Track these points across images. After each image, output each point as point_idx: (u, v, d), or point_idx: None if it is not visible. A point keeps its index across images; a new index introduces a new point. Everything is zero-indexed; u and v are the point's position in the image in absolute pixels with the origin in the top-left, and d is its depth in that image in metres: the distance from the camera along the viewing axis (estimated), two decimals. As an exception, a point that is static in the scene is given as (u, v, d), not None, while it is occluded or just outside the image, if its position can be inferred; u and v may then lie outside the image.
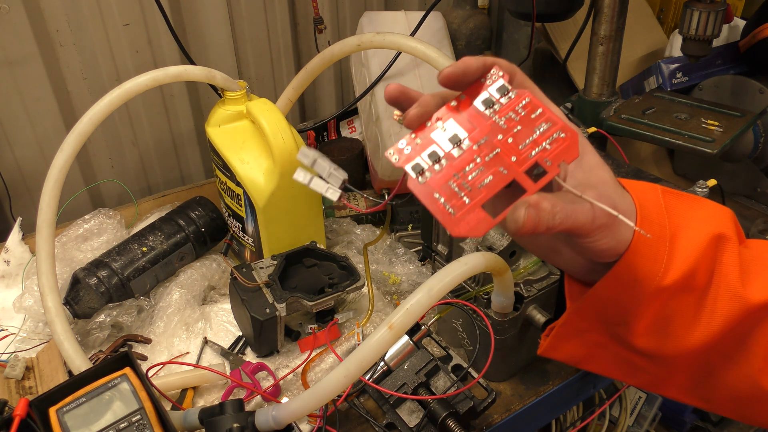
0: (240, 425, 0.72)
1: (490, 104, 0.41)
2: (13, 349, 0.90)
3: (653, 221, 0.43)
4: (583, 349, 0.49)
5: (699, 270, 0.43)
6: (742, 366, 0.46)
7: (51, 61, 1.12)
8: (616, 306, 0.45)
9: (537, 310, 0.84)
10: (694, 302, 0.44)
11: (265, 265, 0.93)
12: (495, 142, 0.39)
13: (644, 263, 0.42)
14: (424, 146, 0.39)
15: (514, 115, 0.40)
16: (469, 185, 0.38)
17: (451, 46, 1.22)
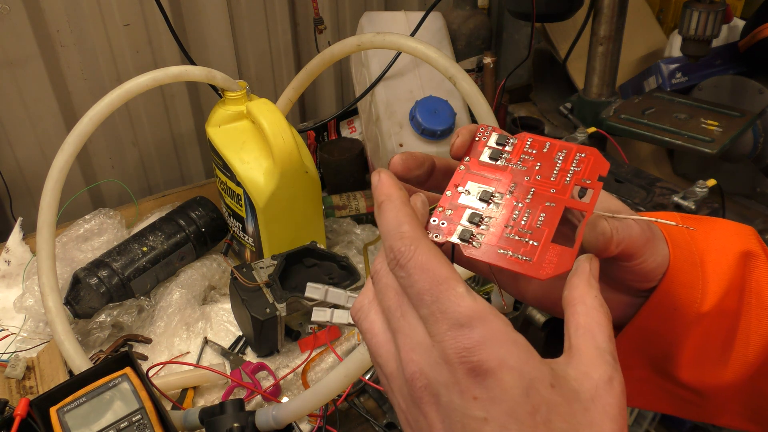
0: (240, 425, 0.72)
1: (498, 155, 0.40)
2: (13, 349, 0.91)
3: (681, 246, 0.41)
4: (629, 385, 0.48)
5: (731, 291, 0.42)
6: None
7: (51, 62, 1.12)
8: (657, 337, 0.42)
9: (537, 310, 0.84)
10: (729, 325, 0.42)
11: (266, 265, 0.93)
12: (526, 184, 0.38)
13: (682, 290, 0.41)
14: (459, 214, 0.38)
15: (527, 156, 0.40)
16: (527, 229, 0.36)
17: (451, 46, 1.22)
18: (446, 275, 0.31)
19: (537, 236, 0.36)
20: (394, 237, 0.33)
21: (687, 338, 0.42)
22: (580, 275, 0.34)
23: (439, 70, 0.94)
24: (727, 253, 0.42)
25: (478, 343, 0.29)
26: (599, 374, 0.31)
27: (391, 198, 0.35)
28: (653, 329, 0.42)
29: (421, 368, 0.30)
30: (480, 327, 0.30)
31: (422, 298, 0.31)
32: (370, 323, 0.35)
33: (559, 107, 1.27)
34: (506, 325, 0.30)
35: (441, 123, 1.08)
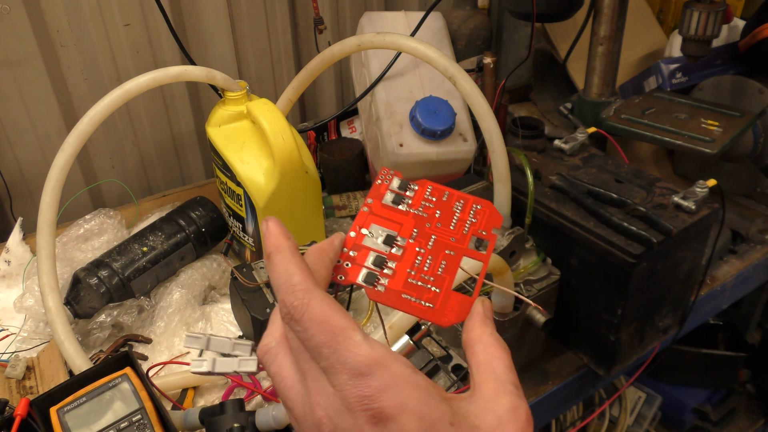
0: (240, 425, 0.72)
1: (401, 200, 0.41)
2: (13, 349, 0.91)
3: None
4: None
5: None
6: None
7: (51, 62, 1.12)
8: None
9: (537, 310, 0.84)
10: None
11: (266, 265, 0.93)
12: (427, 231, 0.40)
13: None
14: (364, 256, 0.38)
15: (428, 203, 0.41)
16: (429, 275, 0.38)
17: (451, 46, 1.22)
18: (342, 325, 0.31)
19: (438, 283, 0.37)
20: (286, 291, 0.32)
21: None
22: (474, 318, 0.36)
23: (439, 70, 0.94)
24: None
25: (377, 391, 0.30)
26: (501, 405, 0.32)
27: (279, 249, 0.34)
28: None
29: (328, 413, 0.31)
30: (379, 374, 0.30)
31: (321, 351, 0.31)
32: (279, 366, 0.34)
33: (559, 107, 1.27)
34: (406, 368, 0.31)
35: (441, 123, 1.08)
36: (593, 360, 0.93)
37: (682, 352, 1.61)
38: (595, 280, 0.86)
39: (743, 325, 1.72)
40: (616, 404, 1.56)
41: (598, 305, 0.87)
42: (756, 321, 1.72)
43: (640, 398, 1.65)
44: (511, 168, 0.91)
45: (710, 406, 1.71)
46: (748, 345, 1.70)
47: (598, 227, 0.83)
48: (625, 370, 0.98)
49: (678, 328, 1.01)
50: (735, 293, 1.19)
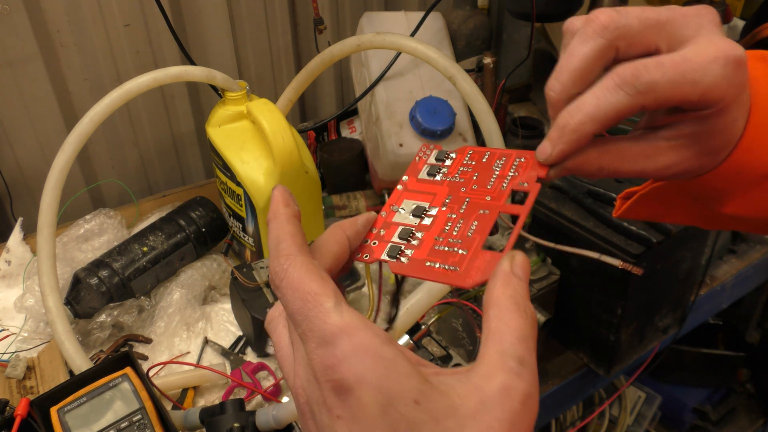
0: (241, 425, 0.72)
1: (437, 171, 0.39)
2: (14, 349, 0.91)
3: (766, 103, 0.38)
4: (664, 209, 0.45)
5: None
6: None
7: (52, 62, 1.13)
8: (709, 190, 0.40)
9: (537, 309, 0.84)
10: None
11: (266, 264, 0.93)
12: (461, 195, 0.37)
13: (754, 155, 0.37)
14: (391, 232, 0.37)
15: (466, 168, 0.39)
16: (457, 239, 0.35)
17: (451, 46, 1.22)
18: (315, 291, 0.30)
19: (467, 245, 0.34)
20: (272, 256, 0.32)
21: (744, 192, 0.39)
22: (497, 276, 0.31)
23: (439, 70, 0.94)
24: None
25: (339, 360, 0.28)
26: (492, 385, 0.28)
27: (276, 216, 0.34)
28: (711, 186, 0.39)
29: (302, 384, 0.30)
30: (343, 343, 0.28)
31: (295, 318, 0.30)
32: (278, 336, 0.34)
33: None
34: (374, 338, 0.28)
35: (441, 123, 1.08)
36: (593, 360, 0.93)
37: (682, 351, 1.62)
38: (595, 280, 0.86)
39: (743, 325, 1.72)
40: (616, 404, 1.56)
41: (598, 305, 0.87)
42: (756, 321, 1.72)
43: (640, 398, 1.65)
44: (511, 168, 0.90)
45: (710, 405, 1.71)
46: (747, 345, 1.71)
47: (598, 227, 0.83)
48: (624, 369, 0.98)
49: (678, 328, 1.01)
50: (735, 293, 1.19)
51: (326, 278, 0.30)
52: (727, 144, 0.37)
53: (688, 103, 0.35)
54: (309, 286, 0.30)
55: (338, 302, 0.29)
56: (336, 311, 0.29)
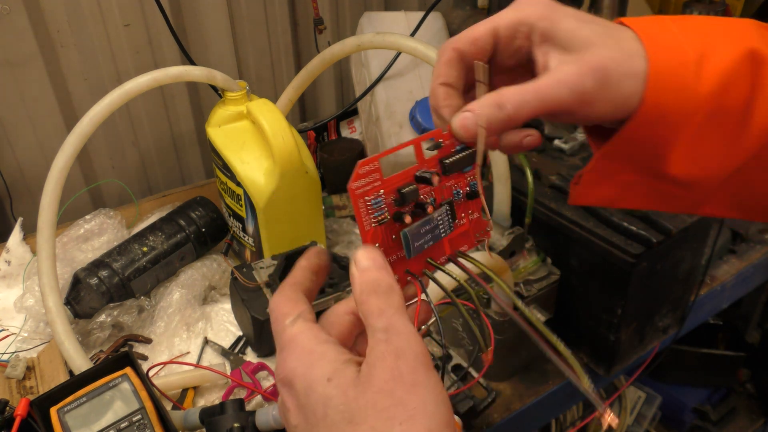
0: (240, 425, 0.72)
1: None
2: (14, 349, 0.91)
3: (668, 49, 0.40)
4: (615, 189, 0.47)
5: (732, 88, 0.41)
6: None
7: (52, 62, 1.12)
8: (646, 142, 0.42)
9: (537, 309, 0.84)
10: (733, 122, 0.42)
11: (266, 265, 0.93)
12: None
13: (668, 97, 0.40)
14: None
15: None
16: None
17: (451, 46, 1.22)
18: (283, 312, 0.39)
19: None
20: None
21: (678, 138, 0.42)
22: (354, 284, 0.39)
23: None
24: (729, 48, 0.41)
25: (283, 360, 0.36)
26: (369, 357, 0.34)
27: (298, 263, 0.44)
28: (641, 137, 0.42)
29: (277, 385, 0.38)
30: (288, 348, 0.37)
31: (273, 334, 0.39)
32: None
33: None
34: (311, 340, 0.36)
35: (441, 123, 1.08)
36: (593, 360, 0.93)
37: (682, 351, 1.62)
38: (595, 280, 0.86)
39: (743, 325, 1.72)
40: (616, 404, 1.56)
41: (598, 305, 0.87)
42: (756, 321, 1.72)
43: (640, 398, 1.65)
44: (511, 168, 0.91)
45: (710, 405, 1.71)
46: (747, 345, 1.71)
47: (598, 227, 0.83)
48: (625, 369, 0.98)
49: (678, 328, 1.01)
50: (735, 293, 1.19)
51: (296, 301, 0.39)
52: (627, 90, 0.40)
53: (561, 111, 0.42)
54: (280, 308, 0.39)
55: (296, 319, 0.38)
56: (290, 325, 0.38)
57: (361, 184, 0.41)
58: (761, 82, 0.41)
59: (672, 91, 0.40)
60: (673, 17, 0.43)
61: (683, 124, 0.41)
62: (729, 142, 0.42)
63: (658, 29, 0.41)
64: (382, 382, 0.33)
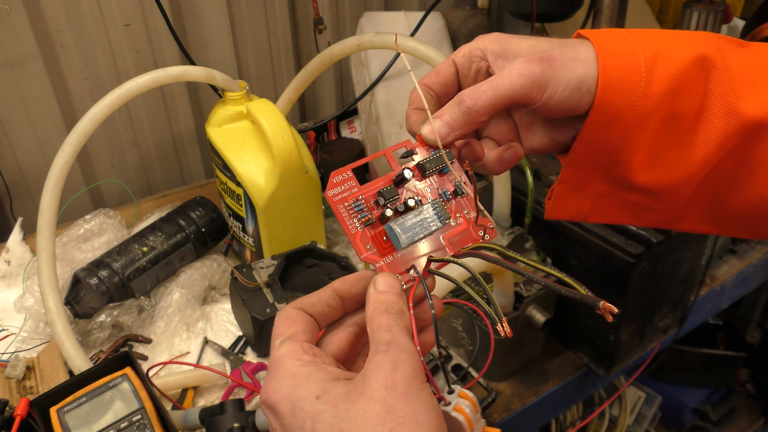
0: (240, 425, 0.72)
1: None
2: (14, 349, 0.91)
3: (619, 53, 0.43)
4: (588, 202, 0.49)
5: (684, 92, 0.43)
6: (749, 187, 0.46)
7: (51, 62, 1.12)
8: (605, 146, 0.44)
9: (537, 309, 0.84)
10: (687, 127, 0.44)
11: (266, 265, 0.93)
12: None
13: (619, 97, 0.42)
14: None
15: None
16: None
17: (451, 46, 1.22)
18: (277, 332, 0.40)
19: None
20: None
21: (636, 141, 0.44)
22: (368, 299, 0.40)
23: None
24: (679, 53, 0.43)
25: (267, 383, 0.37)
26: (368, 366, 0.35)
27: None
28: (599, 139, 0.44)
29: (261, 407, 0.38)
30: (272, 370, 0.38)
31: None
32: None
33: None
34: (294, 362, 0.37)
35: (441, 123, 1.08)
36: (593, 360, 0.93)
37: (682, 352, 1.62)
38: (595, 280, 0.86)
39: (743, 325, 1.72)
40: (616, 404, 1.56)
41: (598, 305, 0.87)
42: (756, 321, 1.72)
43: (640, 398, 1.65)
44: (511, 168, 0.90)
45: (710, 405, 1.71)
46: (748, 345, 1.71)
47: (598, 227, 0.83)
48: (625, 369, 0.98)
49: (678, 328, 1.01)
50: (735, 293, 1.19)
51: (293, 320, 0.40)
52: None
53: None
54: (275, 329, 0.40)
55: (284, 340, 0.39)
56: (278, 347, 0.38)
57: (337, 191, 0.42)
58: (711, 88, 0.43)
59: (623, 93, 0.42)
60: (631, 30, 0.45)
61: (637, 126, 0.43)
62: (686, 148, 0.44)
63: (613, 37, 0.44)
64: (374, 390, 0.34)
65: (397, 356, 0.35)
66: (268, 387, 0.37)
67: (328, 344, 0.41)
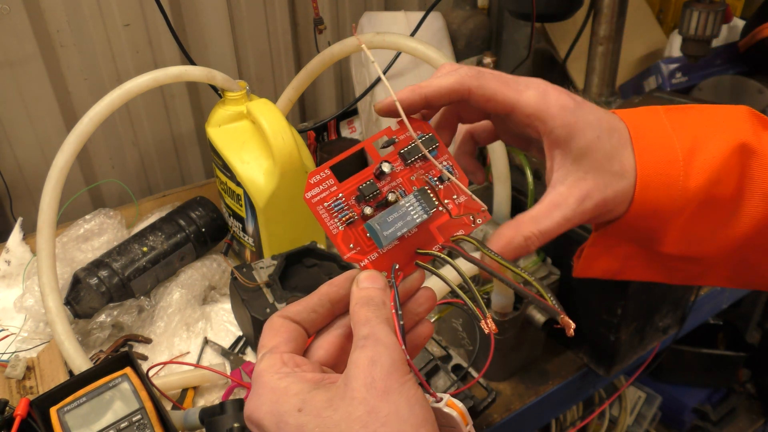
0: (240, 425, 0.72)
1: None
2: (13, 349, 0.91)
3: (657, 147, 0.43)
4: (616, 262, 0.50)
5: (723, 180, 0.43)
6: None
7: (51, 62, 1.12)
8: (639, 230, 0.45)
9: (537, 309, 0.84)
10: (725, 210, 0.44)
11: (266, 265, 0.93)
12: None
13: (659, 193, 0.43)
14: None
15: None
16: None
17: (451, 46, 1.22)
18: (261, 344, 0.39)
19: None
20: None
21: (670, 227, 0.44)
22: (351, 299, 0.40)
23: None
24: (719, 144, 0.43)
25: (249, 399, 0.37)
26: (355, 357, 0.35)
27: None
28: (635, 226, 0.45)
29: (246, 423, 0.38)
30: (254, 386, 0.37)
31: None
32: None
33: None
34: (272, 375, 0.37)
35: (441, 123, 1.08)
36: (593, 360, 0.93)
37: (682, 352, 1.62)
38: (595, 280, 0.86)
39: (743, 325, 1.72)
40: (616, 404, 1.56)
41: (598, 305, 0.87)
42: (756, 321, 1.72)
43: (640, 398, 1.65)
44: (511, 168, 0.91)
45: (710, 405, 1.71)
46: (748, 345, 1.71)
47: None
48: (625, 369, 0.98)
49: (678, 328, 1.01)
50: (735, 293, 1.19)
51: (276, 331, 0.40)
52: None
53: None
54: (260, 341, 0.40)
55: (264, 353, 0.38)
56: (258, 361, 0.38)
57: (316, 192, 0.42)
58: (750, 173, 0.43)
59: (661, 188, 0.43)
60: (668, 109, 0.45)
61: (674, 216, 0.44)
62: (720, 227, 0.45)
63: (649, 123, 0.44)
64: (355, 391, 0.33)
65: (374, 350, 0.35)
66: (250, 404, 0.36)
67: (316, 350, 0.41)
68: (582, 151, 0.43)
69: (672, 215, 0.43)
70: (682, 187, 0.43)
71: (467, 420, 0.41)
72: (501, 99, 0.44)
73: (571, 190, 0.44)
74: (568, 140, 0.43)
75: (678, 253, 0.46)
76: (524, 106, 0.43)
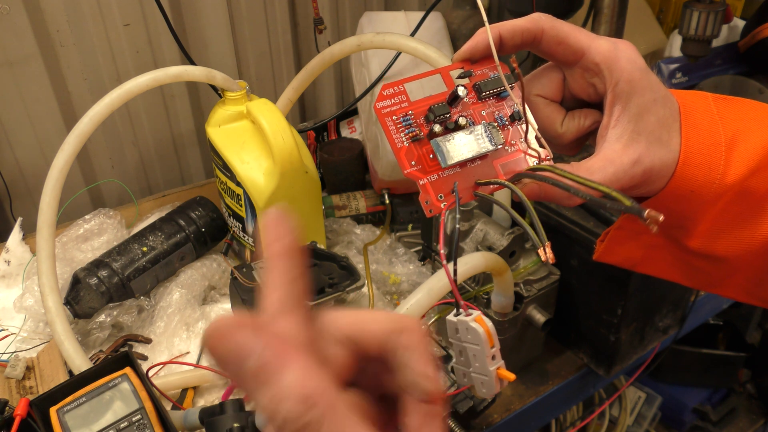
0: (240, 425, 0.72)
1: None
2: (13, 349, 0.91)
3: (703, 128, 0.43)
4: (639, 251, 0.49)
5: (760, 175, 0.43)
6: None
7: (51, 62, 1.12)
8: (672, 213, 0.44)
9: (537, 309, 0.84)
10: (757, 205, 0.44)
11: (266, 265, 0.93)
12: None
13: (698, 173, 0.43)
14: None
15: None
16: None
17: (451, 46, 1.22)
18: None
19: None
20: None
21: (704, 214, 0.44)
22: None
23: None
24: (762, 139, 0.43)
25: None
26: None
27: (267, 254, 0.32)
28: (669, 208, 0.44)
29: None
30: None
31: None
32: None
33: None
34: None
35: (441, 123, 1.08)
36: (593, 360, 0.93)
37: (682, 352, 1.61)
38: (595, 280, 0.86)
39: (743, 325, 1.72)
40: (616, 404, 1.56)
41: (598, 305, 0.87)
42: (756, 321, 1.72)
43: (640, 398, 1.65)
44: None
45: (710, 406, 1.71)
46: (748, 345, 1.70)
47: (599, 227, 0.83)
48: (625, 370, 0.98)
49: (678, 328, 1.01)
50: (735, 293, 1.18)
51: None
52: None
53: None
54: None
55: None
56: None
57: (387, 104, 0.40)
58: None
59: (702, 168, 0.43)
60: (716, 96, 0.46)
61: (710, 202, 0.43)
62: (749, 224, 0.45)
63: (698, 105, 0.44)
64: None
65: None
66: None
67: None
68: (640, 111, 0.43)
69: (707, 202, 0.43)
70: (722, 172, 0.43)
71: (493, 342, 0.40)
72: (573, 42, 0.44)
73: (626, 150, 0.43)
74: (630, 96, 0.43)
75: (703, 248, 0.46)
76: (595, 52, 0.43)
